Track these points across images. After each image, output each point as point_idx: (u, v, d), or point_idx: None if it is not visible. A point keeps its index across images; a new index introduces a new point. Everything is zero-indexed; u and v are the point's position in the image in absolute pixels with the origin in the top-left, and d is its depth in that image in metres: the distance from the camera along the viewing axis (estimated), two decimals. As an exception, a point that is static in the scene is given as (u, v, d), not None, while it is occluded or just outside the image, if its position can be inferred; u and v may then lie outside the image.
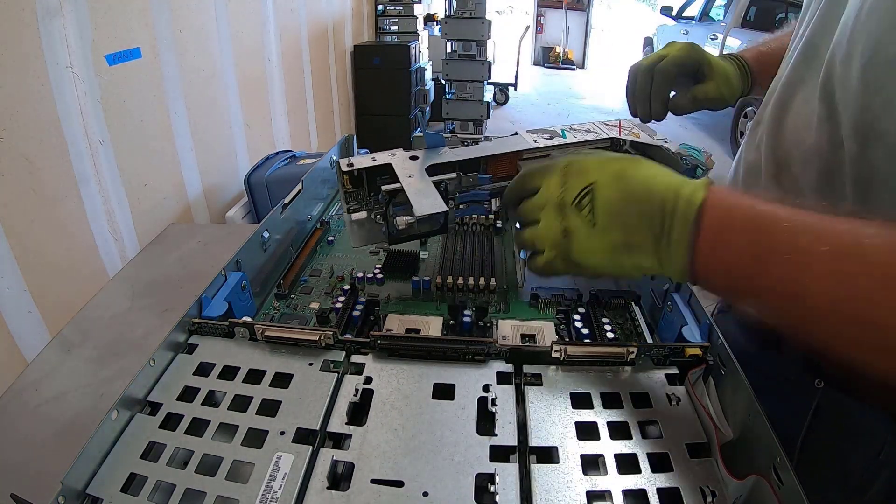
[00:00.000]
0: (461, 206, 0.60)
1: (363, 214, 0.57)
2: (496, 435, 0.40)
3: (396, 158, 0.56)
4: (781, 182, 0.52)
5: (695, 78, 0.63)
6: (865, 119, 0.41)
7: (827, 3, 0.48)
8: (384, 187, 0.54)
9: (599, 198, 0.39)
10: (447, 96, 3.85)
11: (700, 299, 0.51)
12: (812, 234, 0.32)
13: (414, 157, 0.56)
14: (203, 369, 0.46)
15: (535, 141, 0.61)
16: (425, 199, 0.50)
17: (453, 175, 0.56)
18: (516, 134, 0.64)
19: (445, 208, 0.49)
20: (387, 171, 0.56)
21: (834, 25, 0.45)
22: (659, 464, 0.38)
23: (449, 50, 3.73)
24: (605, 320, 0.57)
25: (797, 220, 0.34)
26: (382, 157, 0.56)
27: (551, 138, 0.63)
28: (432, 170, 0.55)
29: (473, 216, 0.78)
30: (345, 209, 0.57)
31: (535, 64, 8.02)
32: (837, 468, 0.53)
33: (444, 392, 0.44)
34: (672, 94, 0.64)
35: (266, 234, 0.65)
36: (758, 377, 0.57)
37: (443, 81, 3.89)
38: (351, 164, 0.55)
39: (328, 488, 0.37)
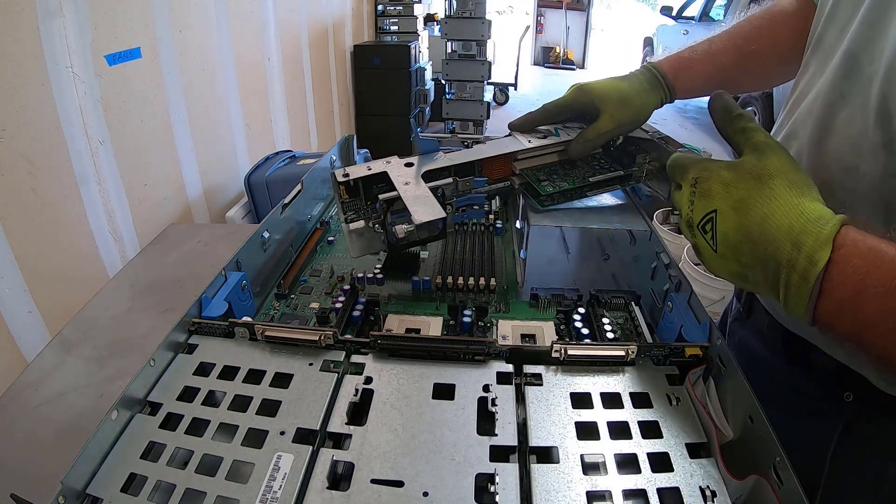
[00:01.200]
0: (461, 211, 0.60)
1: (361, 224, 0.57)
2: (496, 435, 0.40)
3: (392, 166, 0.56)
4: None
5: (589, 119, 0.62)
6: None
7: (869, 11, 0.44)
8: (381, 196, 0.54)
9: (719, 229, 0.40)
10: (447, 96, 3.86)
11: (700, 298, 0.51)
12: None
13: (409, 164, 0.56)
14: (203, 369, 0.46)
15: (529, 141, 0.61)
16: (423, 207, 0.50)
17: (449, 180, 0.56)
18: (510, 134, 0.64)
19: (443, 214, 0.49)
20: (383, 180, 0.55)
21: (881, 38, 0.42)
22: (659, 464, 0.38)
23: (449, 50, 3.73)
24: (605, 320, 0.57)
25: None
26: (378, 166, 0.56)
27: (545, 137, 0.63)
28: (428, 176, 0.55)
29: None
30: (342, 219, 0.57)
31: (535, 64, 8.02)
32: (869, 480, 0.53)
33: (444, 392, 0.44)
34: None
35: (266, 234, 0.65)
36: (784, 391, 0.56)
37: (443, 81, 3.89)
38: (346, 175, 0.55)
39: (328, 488, 0.37)
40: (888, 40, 0.41)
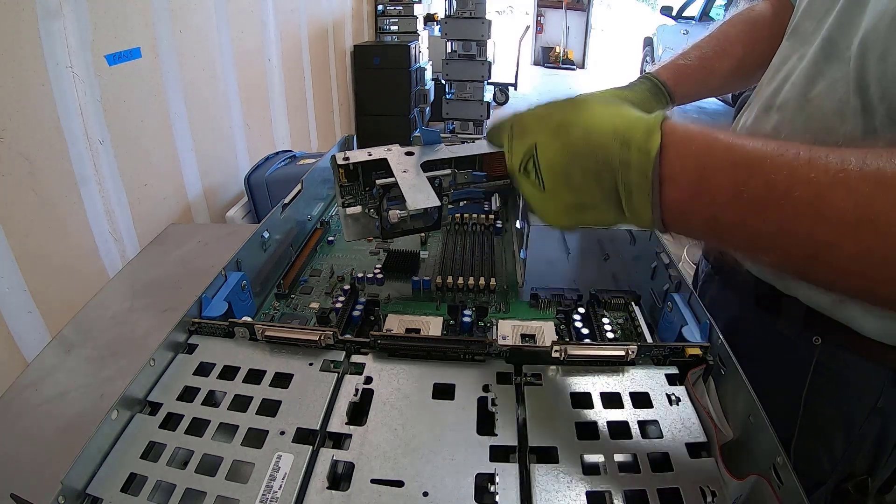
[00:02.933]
0: (461, 204, 0.60)
1: (357, 209, 0.57)
2: (496, 435, 0.40)
3: (392, 154, 0.56)
4: None
5: None
6: None
7: (845, 4, 0.50)
8: (378, 181, 0.55)
9: (542, 160, 0.37)
10: (447, 96, 3.85)
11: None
12: (815, 163, 0.30)
13: (409, 153, 0.56)
14: (203, 369, 0.46)
15: None
16: (419, 194, 0.50)
17: (448, 171, 0.56)
18: None
19: (438, 203, 0.49)
20: (382, 166, 0.56)
21: (854, 25, 0.47)
22: (659, 464, 0.38)
23: (449, 50, 3.73)
24: (605, 320, 0.57)
25: (792, 153, 0.30)
26: (378, 152, 0.56)
27: None
28: (427, 166, 0.55)
29: (474, 215, 0.78)
30: (339, 203, 0.58)
31: (535, 64, 8.01)
32: (840, 419, 0.56)
33: (444, 392, 0.44)
34: None
35: (266, 234, 0.65)
36: (756, 339, 0.59)
37: (443, 81, 3.89)
38: (347, 158, 0.55)
39: (328, 488, 0.37)
40: (862, 26, 0.46)
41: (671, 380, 0.45)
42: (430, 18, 4.73)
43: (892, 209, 0.27)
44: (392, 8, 4.15)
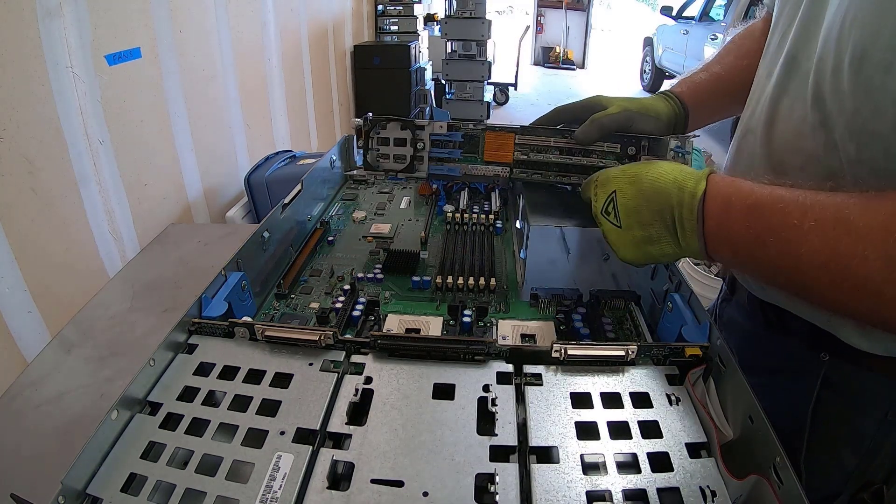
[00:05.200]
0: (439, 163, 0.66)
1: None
2: (496, 435, 0.40)
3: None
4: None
5: None
6: (858, 122, 0.42)
7: (804, 18, 0.50)
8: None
9: (619, 203, 0.48)
10: (447, 96, 3.86)
11: (700, 298, 0.51)
12: (801, 210, 0.39)
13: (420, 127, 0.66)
14: (203, 369, 0.46)
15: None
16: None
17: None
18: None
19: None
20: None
21: (814, 39, 0.47)
22: (659, 464, 0.38)
23: (449, 50, 3.74)
24: (605, 320, 0.57)
25: (788, 199, 0.40)
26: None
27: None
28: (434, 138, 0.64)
29: (474, 215, 0.78)
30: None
31: (535, 64, 8.02)
32: (849, 433, 0.56)
33: (444, 392, 0.44)
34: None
35: (266, 234, 0.65)
36: (766, 357, 0.60)
37: (443, 81, 3.89)
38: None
39: (328, 488, 0.37)
40: (819, 39, 0.46)
41: (671, 380, 0.45)
42: (430, 18, 4.73)
43: (852, 252, 0.36)
44: (392, 8, 4.15)
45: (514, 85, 5.65)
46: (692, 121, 0.66)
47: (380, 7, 4.15)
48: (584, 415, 0.42)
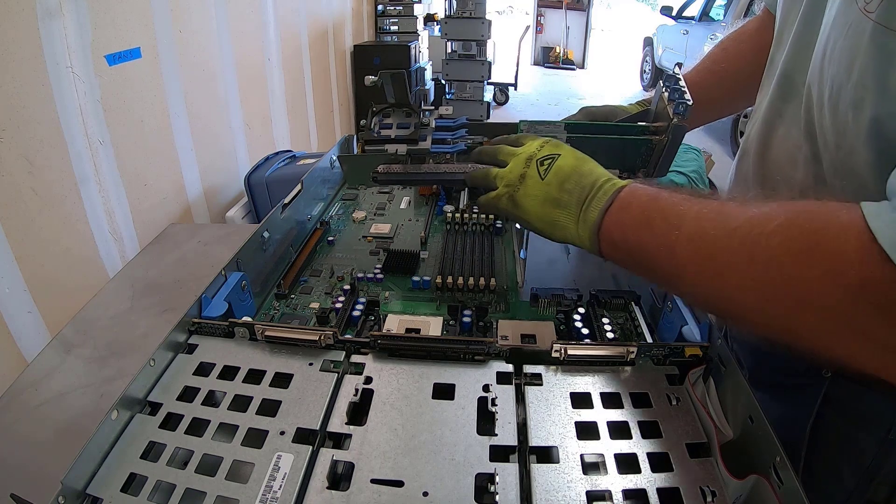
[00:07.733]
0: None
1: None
2: (496, 435, 0.40)
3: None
4: None
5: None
6: (839, 158, 0.42)
7: (798, 34, 0.48)
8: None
9: (557, 164, 0.49)
10: (447, 96, 3.85)
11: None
12: (683, 210, 0.40)
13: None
14: (203, 369, 0.46)
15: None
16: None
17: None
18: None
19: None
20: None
21: (807, 59, 0.45)
22: (659, 464, 0.38)
23: (449, 50, 3.73)
24: (605, 320, 0.57)
25: (675, 201, 0.41)
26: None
27: None
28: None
29: (474, 215, 0.78)
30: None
31: (535, 64, 8.01)
32: (850, 450, 0.55)
33: (444, 392, 0.44)
34: None
35: (266, 234, 0.65)
36: (772, 374, 0.59)
37: (443, 81, 3.89)
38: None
39: (328, 488, 0.37)
40: (811, 61, 0.44)
41: (671, 380, 0.45)
42: (430, 18, 4.73)
43: (718, 257, 0.37)
44: (392, 8, 4.15)
45: (514, 85, 5.64)
46: None
47: (380, 7, 4.14)
48: (584, 415, 0.42)
